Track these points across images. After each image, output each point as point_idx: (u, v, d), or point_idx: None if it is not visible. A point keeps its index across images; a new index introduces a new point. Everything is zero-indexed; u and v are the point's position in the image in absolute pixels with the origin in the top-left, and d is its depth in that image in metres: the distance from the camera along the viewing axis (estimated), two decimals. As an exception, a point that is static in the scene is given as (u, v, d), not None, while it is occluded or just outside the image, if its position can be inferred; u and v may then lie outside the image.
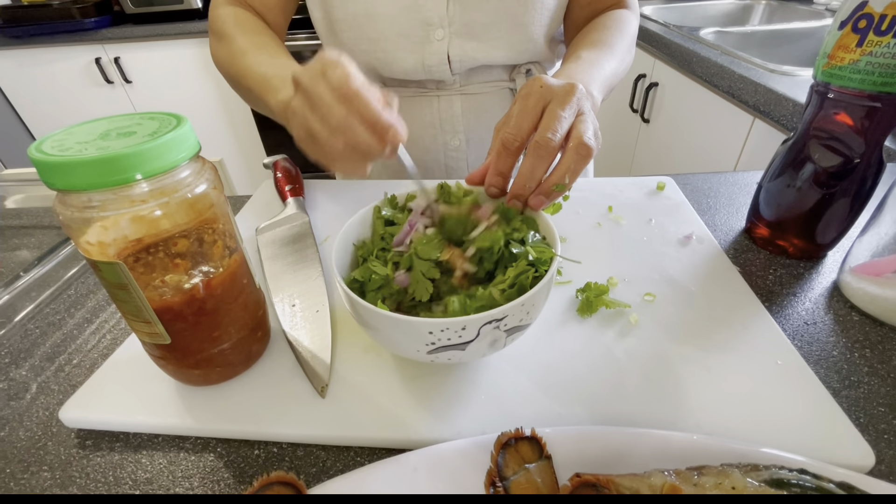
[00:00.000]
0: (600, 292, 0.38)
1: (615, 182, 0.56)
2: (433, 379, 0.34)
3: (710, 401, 0.31)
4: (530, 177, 0.34)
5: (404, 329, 0.28)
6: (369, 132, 0.31)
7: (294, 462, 0.30)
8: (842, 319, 0.38)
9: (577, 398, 0.32)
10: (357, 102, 0.30)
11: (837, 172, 0.39)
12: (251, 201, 0.57)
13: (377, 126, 0.31)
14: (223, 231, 0.30)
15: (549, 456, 0.26)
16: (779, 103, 0.82)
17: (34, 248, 0.55)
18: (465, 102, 0.61)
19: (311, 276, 0.43)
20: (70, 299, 0.45)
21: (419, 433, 0.30)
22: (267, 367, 0.35)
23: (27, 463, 0.31)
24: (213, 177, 0.29)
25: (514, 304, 0.27)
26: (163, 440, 0.32)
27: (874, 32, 0.33)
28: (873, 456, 0.27)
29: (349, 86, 0.30)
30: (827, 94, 0.38)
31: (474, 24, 0.54)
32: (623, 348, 0.35)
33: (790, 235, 0.44)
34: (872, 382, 0.33)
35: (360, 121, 0.30)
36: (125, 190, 0.24)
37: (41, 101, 1.94)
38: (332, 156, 0.32)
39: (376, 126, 0.31)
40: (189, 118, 0.28)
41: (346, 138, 0.31)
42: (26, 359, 0.39)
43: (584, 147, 0.33)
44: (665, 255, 0.45)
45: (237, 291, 0.32)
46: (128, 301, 0.28)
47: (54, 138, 0.25)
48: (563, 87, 0.35)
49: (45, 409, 0.34)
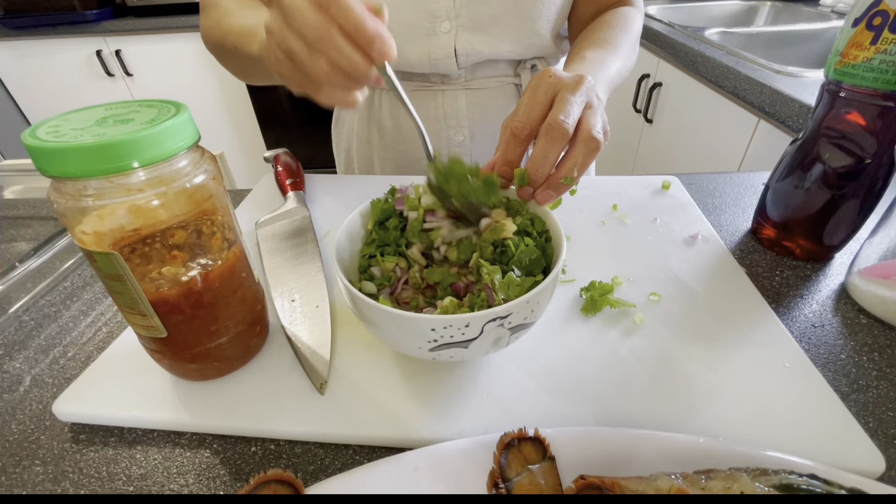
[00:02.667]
0: (605, 291, 0.37)
1: (620, 180, 0.55)
2: (435, 377, 0.33)
3: (717, 402, 0.31)
4: (543, 161, 0.33)
5: (406, 325, 0.27)
6: (352, 45, 0.27)
7: (292, 460, 0.30)
8: (850, 322, 0.37)
9: (582, 398, 0.31)
10: (335, 8, 0.26)
11: (847, 173, 0.39)
12: (251, 195, 0.56)
13: (360, 35, 0.27)
14: (222, 223, 0.29)
15: (552, 457, 0.25)
16: (784, 104, 0.82)
17: (31, 239, 0.54)
18: (469, 97, 0.60)
19: (311, 270, 0.42)
20: (66, 291, 0.45)
21: (420, 432, 0.30)
22: (265, 363, 0.35)
23: (19, 457, 0.30)
24: (213, 167, 0.28)
25: (519, 302, 0.27)
26: (158, 435, 0.31)
27: (889, 30, 0.33)
28: (884, 462, 0.27)
29: None
30: (839, 93, 0.38)
31: (481, 18, 0.54)
32: (628, 348, 0.35)
33: (797, 237, 0.43)
34: (881, 386, 0.32)
35: (341, 31, 0.27)
36: (121, 178, 0.24)
37: (41, 92, 1.93)
38: (313, 79, 0.29)
39: (359, 35, 0.27)
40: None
41: (328, 54, 0.27)
42: (20, 351, 0.38)
43: (592, 140, 0.32)
44: (670, 254, 0.44)
45: (235, 285, 0.31)
46: (123, 293, 0.27)
47: (50, 124, 0.25)
48: (572, 77, 0.34)
49: (38, 403, 0.34)
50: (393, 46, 0.28)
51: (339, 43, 0.27)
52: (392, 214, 0.36)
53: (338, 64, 0.28)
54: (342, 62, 0.28)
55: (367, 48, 0.28)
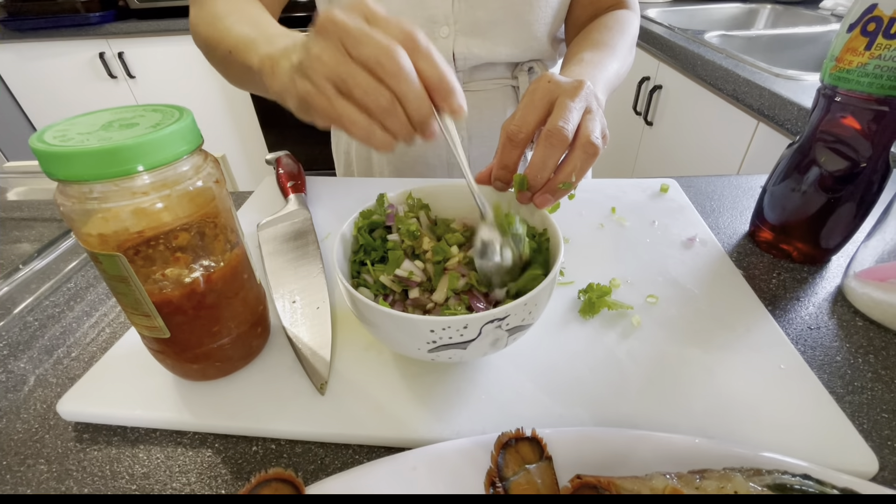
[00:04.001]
0: (603, 293, 0.38)
1: (618, 183, 0.56)
2: (433, 377, 0.33)
3: (713, 404, 0.31)
4: (542, 167, 0.33)
5: (405, 327, 0.27)
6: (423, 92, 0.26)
7: (292, 459, 0.30)
8: (846, 324, 0.38)
9: (579, 399, 0.32)
10: (425, 53, 0.25)
11: (843, 176, 0.39)
12: (253, 197, 0.57)
13: (443, 85, 0.26)
14: (224, 225, 0.30)
15: (549, 457, 0.26)
16: (783, 107, 0.82)
17: (35, 240, 0.55)
18: (467, 99, 0.60)
19: (311, 272, 0.43)
20: (69, 292, 0.45)
21: (418, 432, 0.30)
22: (266, 363, 0.35)
23: (24, 455, 0.31)
24: (216, 170, 0.29)
25: (517, 304, 0.27)
26: (160, 435, 0.32)
27: (883, 35, 0.33)
28: (877, 462, 0.27)
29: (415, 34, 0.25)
30: (834, 98, 0.38)
31: (479, 22, 0.54)
32: (625, 350, 0.35)
33: (794, 239, 0.44)
34: (876, 388, 0.32)
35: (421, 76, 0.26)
36: (126, 181, 0.24)
37: (44, 94, 1.94)
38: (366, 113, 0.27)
39: (442, 85, 0.26)
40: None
41: (398, 91, 0.26)
42: (25, 351, 0.39)
43: (591, 146, 0.33)
44: (668, 257, 0.44)
45: (238, 286, 0.31)
46: (127, 294, 0.28)
47: (56, 128, 0.25)
48: (571, 82, 0.35)
49: (42, 402, 0.34)
50: (466, 104, 0.27)
51: (416, 83, 0.26)
52: (380, 225, 0.36)
53: (405, 103, 0.26)
54: (412, 103, 0.26)
55: (443, 100, 0.27)
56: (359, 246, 0.34)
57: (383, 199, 0.37)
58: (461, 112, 0.28)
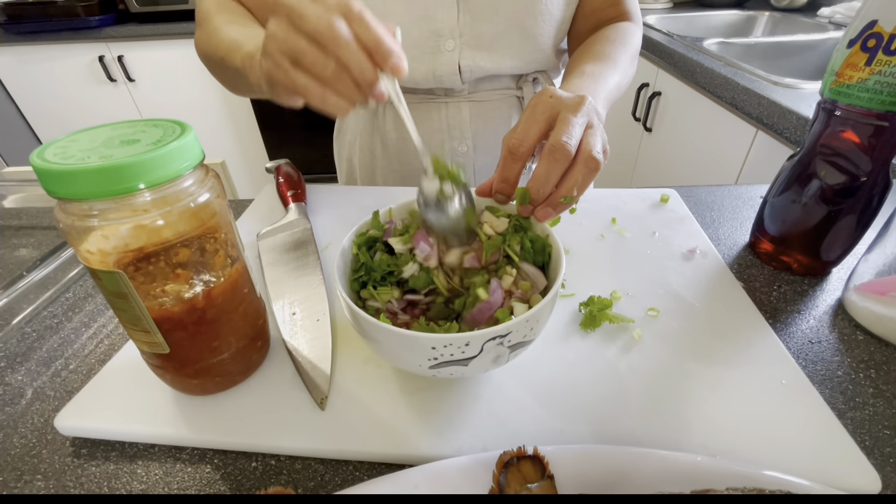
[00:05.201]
0: (604, 306, 0.38)
1: (619, 193, 0.56)
2: (434, 393, 0.33)
3: (714, 420, 0.31)
4: (545, 181, 0.33)
5: (407, 343, 0.27)
6: (366, 55, 0.28)
7: (292, 475, 0.30)
8: (846, 338, 0.38)
9: (580, 415, 0.31)
10: (360, 20, 0.27)
11: (843, 190, 0.39)
12: (253, 206, 0.57)
13: (378, 48, 0.28)
14: (225, 240, 0.30)
15: (551, 476, 0.26)
16: (782, 116, 0.82)
17: (33, 248, 0.54)
18: (472, 109, 0.61)
19: (312, 283, 0.42)
20: (68, 302, 0.45)
21: (419, 448, 0.30)
22: (266, 378, 0.35)
23: (21, 471, 0.30)
24: (216, 185, 0.29)
25: (519, 321, 0.27)
26: (159, 450, 0.31)
27: (883, 52, 0.33)
28: (879, 481, 0.27)
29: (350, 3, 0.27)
30: (834, 112, 0.38)
31: (484, 35, 0.54)
32: (626, 364, 0.35)
33: (795, 251, 0.44)
34: (878, 404, 0.32)
35: (358, 41, 0.28)
36: (127, 199, 0.24)
37: (44, 98, 1.93)
38: (317, 80, 0.29)
39: (378, 48, 0.28)
40: (192, 118, 0.27)
41: (341, 56, 0.28)
42: (22, 363, 0.39)
43: (592, 160, 0.33)
44: (669, 269, 0.44)
45: (238, 301, 0.31)
46: (127, 310, 0.27)
47: (57, 145, 0.25)
48: (572, 98, 0.35)
49: (40, 416, 0.34)
50: (405, 63, 0.29)
51: (355, 49, 0.28)
52: (377, 241, 0.36)
53: (349, 68, 0.28)
54: (353, 68, 0.28)
55: (382, 61, 0.29)
56: (359, 264, 0.34)
57: (377, 216, 0.37)
58: (400, 71, 0.29)
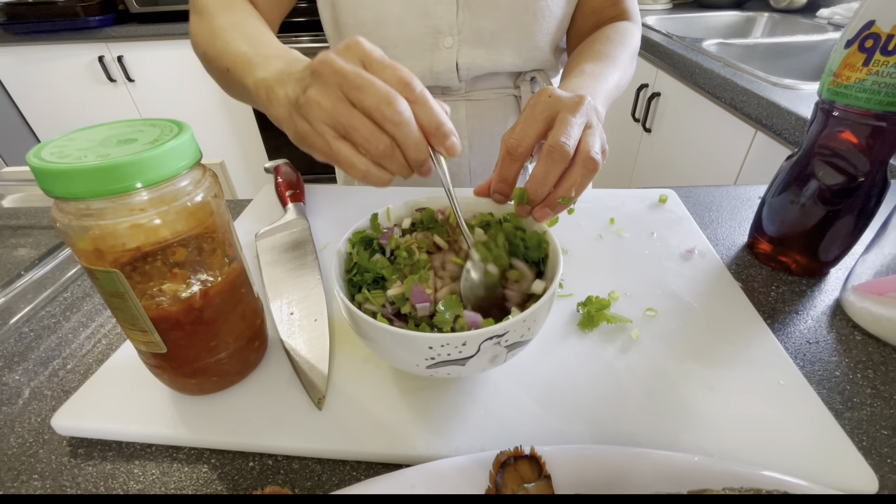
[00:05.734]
0: (602, 307, 0.38)
1: (617, 193, 0.56)
2: (432, 392, 0.33)
3: (712, 420, 0.31)
4: (543, 181, 0.33)
5: (404, 343, 0.27)
6: (422, 137, 0.28)
7: (289, 475, 0.30)
8: (844, 339, 0.38)
9: (578, 415, 0.31)
10: (422, 99, 0.27)
11: (841, 190, 0.39)
12: (251, 206, 0.57)
13: (441, 130, 0.28)
14: (222, 240, 0.30)
15: (548, 475, 0.26)
16: (781, 116, 0.82)
17: (32, 248, 0.54)
18: (469, 108, 0.61)
19: (310, 283, 0.42)
20: (66, 302, 0.45)
21: (417, 448, 0.30)
22: (264, 377, 0.35)
23: (17, 471, 0.30)
24: (214, 185, 0.29)
25: (516, 320, 0.27)
26: (156, 450, 0.31)
27: (881, 52, 0.33)
28: (876, 482, 0.27)
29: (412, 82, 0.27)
30: (832, 112, 0.38)
31: (483, 32, 0.54)
32: (624, 364, 0.35)
33: (793, 252, 0.44)
34: (875, 404, 0.32)
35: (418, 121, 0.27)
36: (124, 198, 0.24)
37: (43, 98, 1.93)
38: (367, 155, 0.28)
39: (440, 130, 0.28)
40: (191, 118, 0.27)
41: (401, 136, 0.27)
42: (20, 363, 0.39)
43: (591, 161, 0.33)
44: (667, 269, 0.44)
45: (235, 301, 0.31)
46: (124, 310, 0.27)
47: (54, 144, 0.25)
48: (571, 97, 0.35)
49: (37, 416, 0.34)
50: (459, 143, 0.29)
51: (415, 131, 0.28)
52: (374, 239, 0.36)
53: (405, 148, 0.28)
54: (411, 149, 0.28)
55: (439, 144, 0.28)
56: (352, 264, 0.34)
57: (376, 218, 0.36)
58: (456, 152, 0.29)
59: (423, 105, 0.28)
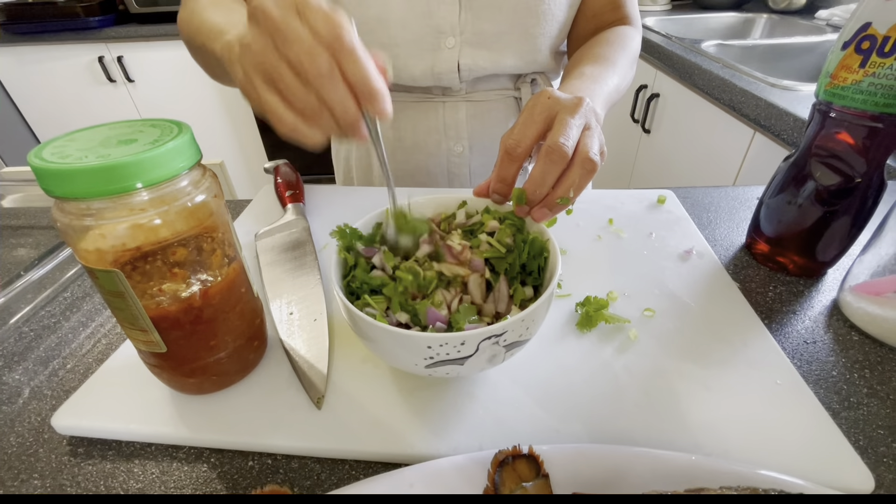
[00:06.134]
0: (600, 307, 0.38)
1: (616, 194, 0.56)
2: (431, 392, 0.33)
3: (709, 420, 0.31)
4: (541, 182, 0.33)
5: (403, 343, 0.27)
6: (350, 94, 0.26)
7: (288, 474, 0.30)
8: (841, 339, 0.38)
9: (576, 414, 0.32)
10: (348, 54, 0.25)
11: (838, 191, 0.39)
12: (251, 206, 0.57)
13: (365, 87, 0.26)
14: (222, 240, 0.30)
15: (546, 474, 0.26)
16: (779, 118, 0.83)
17: (32, 248, 0.54)
18: (469, 109, 0.61)
19: (309, 283, 0.43)
20: (66, 302, 0.45)
21: (415, 447, 0.30)
22: (263, 377, 0.35)
23: (17, 470, 0.30)
24: (214, 185, 0.29)
25: (514, 320, 0.27)
26: (156, 449, 0.31)
27: (877, 54, 0.34)
28: (873, 480, 0.27)
29: (341, 33, 0.25)
30: (829, 113, 0.38)
31: (485, 34, 0.55)
32: (622, 364, 0.35)
33: (790, 252, 0.44)
34: (872, 404, 0.32)
35: (345, 77, 0.25)
36: (125, 198, 0.24)
37: (43, 98, 1.93)
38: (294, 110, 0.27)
39: (364, 87, 0.26)
40: (190, 119, 0.27)
41: (323, 93, 0.25)
42: (20, 362, 0.39)
43: (589, 162, 0.33)
44: (665, 269, 0.44)
45: (235, 300, 0.31)
46: (124, 309, 0.28)
47: (55, 144, 0.25)
48: (570, 99, 0.35)
49: (37, 415, 0.34)
50: (391, 106, 0.27)
51: (340, 87, 0.26)
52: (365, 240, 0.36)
53: (331, 106, 0.26)
54: (336, 107, 0.26)
55: (367, 102, 0.27)
56: (348, 269, 0.34)
57: (379, 228, 0.36)
58: (386, 116, 0.27)
59: (350, 59, 0.25)
